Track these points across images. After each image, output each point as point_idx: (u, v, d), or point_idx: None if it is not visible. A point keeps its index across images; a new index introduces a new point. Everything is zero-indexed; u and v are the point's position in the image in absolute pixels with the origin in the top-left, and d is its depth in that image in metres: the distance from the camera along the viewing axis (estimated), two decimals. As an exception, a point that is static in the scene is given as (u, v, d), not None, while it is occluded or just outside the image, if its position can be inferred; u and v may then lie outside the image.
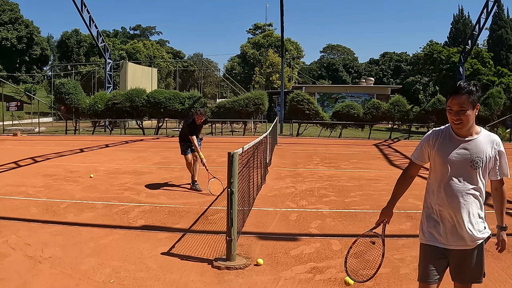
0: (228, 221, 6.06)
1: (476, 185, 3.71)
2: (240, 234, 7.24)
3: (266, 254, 6.55)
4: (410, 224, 8.30)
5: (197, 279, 5.62)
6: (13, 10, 75.36)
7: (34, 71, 77.89)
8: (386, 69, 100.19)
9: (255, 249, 6.76)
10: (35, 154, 19.23)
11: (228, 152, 6.13)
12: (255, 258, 6.25)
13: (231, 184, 6.03)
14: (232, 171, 6.04)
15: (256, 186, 10.90)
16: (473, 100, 3.59)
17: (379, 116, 33.90)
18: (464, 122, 3.62)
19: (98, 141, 27.85)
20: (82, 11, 35.04)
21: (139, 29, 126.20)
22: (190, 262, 6.18)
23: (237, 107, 34.39)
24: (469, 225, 3.73)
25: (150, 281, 5.54)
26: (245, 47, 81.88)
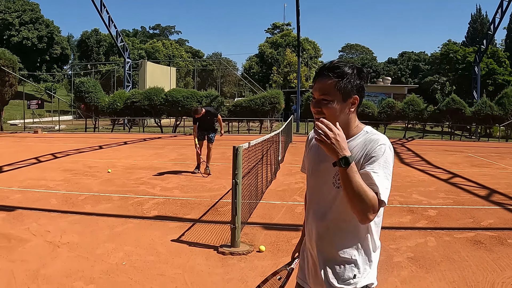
0: (233, 209, 6.52)
1: (342, 211, 2.56)
2: (246, 224, 7.68)
3: (269, 242, 6.99)
4: (410, 218, 8.66)
5: (202, 262, 6.09)
6: (34, 10, 76.31)
7: (55, 70, 78.79)
8: (404, 69, 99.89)
9: (259, 238, 7.20)
10: (55, 150, 19.78)
11: (233, 146, 6.60)
12: (258, 245, 6.70)
13: (236, 175, 6.48)
14: (237, 163, 6.50)
15: (266, 181, 11.34)
16: (346, 87, 2.54)
17: (394, 115, 34.05)
18: (327, 118, 2.47)
19: (116, 138, 28.37)
20: (101, 12, 35.53)
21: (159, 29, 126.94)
22: (197, 248, 6.65)
23: (253, 106, 34.73)
24: (326, 268, 2.64)
25: (159, 264, 6.02)
26: (263, 47, 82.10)
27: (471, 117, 33.26)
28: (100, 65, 74.55)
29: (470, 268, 6.01)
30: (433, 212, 9.12)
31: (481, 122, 34.00)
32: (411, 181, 12.94)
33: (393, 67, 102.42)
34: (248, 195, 8.15)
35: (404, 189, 11.67)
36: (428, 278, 5.63)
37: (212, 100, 35.02)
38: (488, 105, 32.84)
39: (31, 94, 60.07)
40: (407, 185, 12.30)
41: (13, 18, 73.18)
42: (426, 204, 9.85)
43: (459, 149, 24.28)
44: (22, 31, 73.01)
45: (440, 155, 20.71)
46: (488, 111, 32.68)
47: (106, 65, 72.16)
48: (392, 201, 10.06)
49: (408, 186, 12.06)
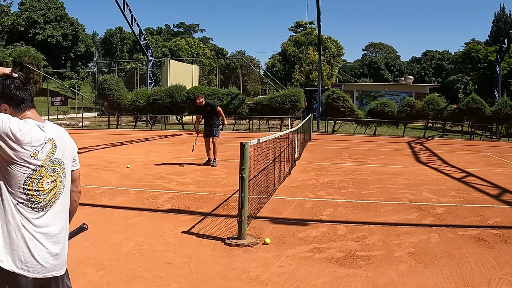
0: (240, 203, 6.78)
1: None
2: (255, 218, 7.92)
3: (275, 235, 7.22)
4: (416, 215, 8.80)
5: (209, 253, 6.35)
6: (59, 9, 77.09)
7: (79, 67, 79.53)
8: (428, 68, 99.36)
9: (266, 231, 7.43)
10: (78, 146, 19.92)
11: (241, 142, 6.86)
12: (264, 238, 6.95)
13: (242, 170, 6.74)
14: (244, 159, 6.75)
15: (279, 177, 11.58)
16: None
17: (414, 114, 33.99)
18: None
19: (138, 135, 28.78)
20: (124, 10, 35.85)
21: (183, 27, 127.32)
22: (206, 240, 6.92)
23: (274, 104, 34.86)
24: None
25: (168, 253, 6.30)
26: (286, 45, 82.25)
27: (491, 116, 33.05)
28: (124, 62, 75.16)
29: (469, 264, 6.12)
30: (441, 209, 9.26)
31: (502, 121, 33.79)
32: (423, 180, 13.06)
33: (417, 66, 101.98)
34: (257, 190, 8.39)
35: (415, 187, 11.81)
36: (426, 272, 5.78)
37: (233, 98, 35.29)
38: (508, 104, 32.56)
39: (55, 91, 60.73)
40: (419, 183, 12.44)
41: (38, 16, 73.99)
42: (435, 202, 9.98)
43: (478, 149, 24.28)
44: (47, 29, 73.80)
45: (457, 154, 20.78)
46: (508, 111, 32.45)
47: (130, 63, 72.77)
48: (401, 198, 10.27)
49: (420, 184, 12.19)
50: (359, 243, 6.91)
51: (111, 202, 9.35)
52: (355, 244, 6.86)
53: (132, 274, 5.53)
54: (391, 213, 8.84)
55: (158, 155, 17.72)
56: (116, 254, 6.23)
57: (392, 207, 9.41)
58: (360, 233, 7.43)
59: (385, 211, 9.00)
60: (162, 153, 18.28)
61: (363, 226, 7.85)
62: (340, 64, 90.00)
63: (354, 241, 7.04)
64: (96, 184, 11.41)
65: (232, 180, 12.10)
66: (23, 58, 35.64)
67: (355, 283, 5.41)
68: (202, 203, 9.48)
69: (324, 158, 17.84)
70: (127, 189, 10.82)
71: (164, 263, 5.94)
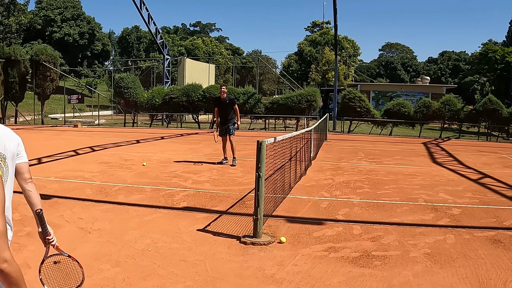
0: (255, 201, 6.78)
1: None
2: (271, 217, 7.91)
3: (290, 234, 7.21)
4: (432, 215, 8.73)
5: (224, 251, 6.36)
6: (75, 7, 77.75)
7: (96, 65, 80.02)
8: (444, 68, 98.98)
9: (281, 230, 7.42)
10: (94, 144, 20.28)
11: (257, 140, 6.85)
12: (280, 237, 6.95)
13: (259, 169, 6.73)
14: (260, 157, 6.74)
15: (295, 176, 11.57)
16: None
17: (430, 115, 33.80)
18: None
19: (154, 133, 28.86)
20: (141, 9, 35.97)
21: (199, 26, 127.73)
22: (221, 238, 6.92)
23: (290, 104, 34.86)
24: None
25: (183, 250, 6.32)
26: (302, 45, 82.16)
27: (508, 118, 32.81)
28: (140, 61, 75.42)
29: (485, 265, 6.07)
30: (457, 210, 9.20)
31: (518, 123, 33.57)
32: (439, 180, 12.99)
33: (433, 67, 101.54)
34: (273, 189, 8.39)
35: (431, 188, 11.74)
36: (441, 273, 5.74)
37: (249, 97, 35.29)
38: (525, 106, 32.40)
39: (72, 89, 61.11)
40: (435, 184, 12.37)
41: (55, 14, 74.65)
42: (451, 203, 9.92)
43: (494, 150, 24.12)
44: (64, 28, 74.43)
45: (473, 155, 20.64)
46: (525, 112, 32.28)
47: (146, 62, 72.98)
48: (417, 199, 10.21)
49: (436, 185, 12.12)
50: (374, 243, 6.89)
51: (127, 199, 9.39)
52: (370, 244, 6.83)
53: (147, 271, 5.54)
54: (407, 214, 8.79)
55: (174, 153, 17.76)
56: (131, 251, 6.25)
57: (408, 207, 9.36)
58: (376, 233, 7.40)
59: (401, 212, 8.96)
60: (178, 152, 18.32)
61: (379, 226, 7.81)
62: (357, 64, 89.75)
63: (369, 241, 7.02)
64: (112, 181, 11.46)
65: (248, 179, 12.11)
66: (40, 56, 35.82)
67: (370, 283, 5.39)
68: (218, 201, 9.50)
69: (340, 158, 17.80)
70: (142, 186, 10.86)
71: (179, 260, 5.95)
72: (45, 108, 41.41)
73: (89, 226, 7.36)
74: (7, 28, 52.43)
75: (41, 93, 36.88)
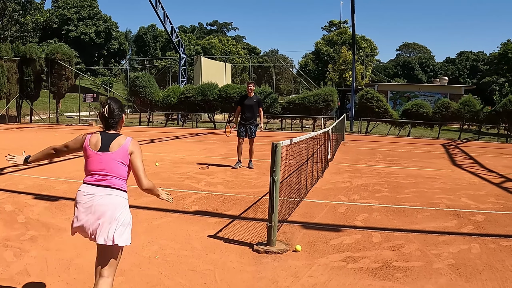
0: (270, 207, 6.41)
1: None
2: (285, 223, 7.57)
3: (306, 242, 6.85)
4: (455, 222, 8.32)
5: (235, 259, 6.01)
6: (92, 6, 78.09)
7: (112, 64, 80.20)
8: (462, 69, 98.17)
9: (297, 237, 7.07)
10: (107, 143, 20.02)
11: (272, 142, 6.48)
12: (295, 245, 6.57)
13: (274, 173, 6.36)
14: (275, 160, 6.37)
15: (311, 179, 11.20)
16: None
17: (449, 115, 33.20)
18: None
19: (169, 133, 28.65)
20: (156, 8, 35.87)
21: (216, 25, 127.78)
22: (233, 245, 6.58)
23: (307, 103, 34.52)
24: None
25: (192, 259, 5.98)
26: (319, 44, 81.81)
27: (529, 119, 32.21)
28: (156, 60, 75.42)
29: (513, 278, 5.69)
30: (481, 217, 8.78)
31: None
32: (461, 184, 12.57)
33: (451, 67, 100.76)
34: (289, 193, 8.03)
35: (452, 192, 11.34)
36: (467, 287, 5.38)
37: (266, 97, 34.97)
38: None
39: (88, 87, 61.20)
40: (457, 188, 11.96)
41: (71, 13, 74.98)
42: (474, 209, 9.50)
43: (515, 153, 23.59)
44: (80, 26, 74.73)
45: (494, 158, 20.11)
46: (545, 114, 31.63)
47: (162, 61, 72.94)
48: (439, 204, 9.80)
49: (457, 189, 11.71)
50: (395, 253, 6.50)
51: (136, 202, 9.06)
52: (391, 254, 6.45)
53: (153, 281, 5.22)
54: (429, 220, 8.40)
55: (188, 153, 17.47)
56: (137, 259, 5.92)
57: (429, 213, 8.96)
58: (396, 241, 7.02)
59: (422, 218, 8.56)
60: (192, 152, 18.04)
61: (400, 234, 7.43)
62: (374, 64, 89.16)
63: (390, 250, 6.64)
64: (122, 182, 11.16)
65: (262, 181, 11.77)
66: (55, 54, 35.78)
67: (392, 298, 5.03)
68: (231, 205, 9.16)
69: (357, 159, 17.40)
70: (154, 188, 10.54)
71: (187, 269, 5.61)
72: (61, 106, 41.47)
73: (95, 231, 7.04)
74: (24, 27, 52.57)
75: (56, 92, 36.88)
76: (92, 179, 4.13)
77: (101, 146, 4.16)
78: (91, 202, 4.06)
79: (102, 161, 4.12)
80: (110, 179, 4.09)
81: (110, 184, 4.09)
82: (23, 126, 32.65)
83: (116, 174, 4.11)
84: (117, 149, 4.17)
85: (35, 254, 5.94)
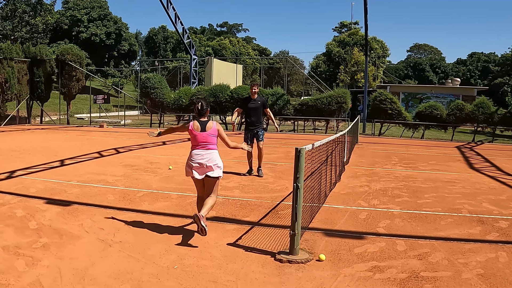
0: (293, 215, 6.14)
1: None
2: (307, 230, 7.31)
3: (329, 250, 6.60)
4: (479, 229, 8.05)
5: (257, 270, 5.75)
6: (102, 7, 78.20)
7: (122, 65, 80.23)
8: (473, 70, 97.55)
9: (319, 245, 6.81)
10: (119, 145, 19.88)
11: (296, 147, 6.22)
12: (318, 253, 6.31)
13: (297, 179, 6.09)
14: (299, 166, 6.10)
15: (330, 183, 10.93)
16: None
17: (463, 117, 32.74)
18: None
19: (181, 134, 28.36)
20: (167, 8, 35.67)
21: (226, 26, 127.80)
22: (254, 254, 6.33)
23: (319, 105, 34.19)
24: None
25: (212, 269, 5.73)
26: (330, 45, 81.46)
27: (543, 121, 31.77)
28: (167, 61, 75.35)
29: (546, 288, 5.41)
30: (505, 223, 8.49)
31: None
32: (480, 188, 12.27)
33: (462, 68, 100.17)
34: (310, 198, 7.77)
35: (473, 196, 11.05)
36: (500, 299, 5.12)
37: (278, 98, 34.71)
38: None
39: (98, 89, 61.15)
40: (477, 192, 11.66)
41: (82, 14, 75.07)
42: (497, 215, 9.20)
43: (532, 155, 23.20)
44: (90, 28, 74.78)
45: (510, 161, 19.76)
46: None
47: (173, 62, 72.84)
48: (461, 210, 9.52)
49: (477, 194, 11.41)
50: (422, 262, 6.23)
51: (152, 207, 8.84)
52: (417, 263, 6.18)
53: (173, 295, 4.97)
54: (452, 227, 8.12)
55: (201, 156, 17.22)
56: (155, 269, 5.67)
57: (452, 219, 8.68)
58: (422, 250, 6.75)
59: (445, 224, 8.28)
60: (205, 154, 17.77)
61: (424, 241, 7.16)
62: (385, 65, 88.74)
63: (416, 259, 6.36)
64: (136, 186, 10.95)
65: (279, 185, 11.53)
66: (66, 55, 35.69)
67: (424, 311, 4.77)
68: (249, 210, 8.91)
69: (373, 162, 17.10)
70: (168, 192, 10.33)
71: (208, 281, 5.36)
72: (72, 108, 41.37)
73: (110, 238, 6.81)
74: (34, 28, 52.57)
75: (66, 93, 36.74)
76: (199, 147, 7.24)
77: (201, 128, 7.24)
78: (200, 158, 7.18)
79: (203, 136, 7.20)
80: (208, 146, 7.22)
81: (210, 148, 7.23)
82: (33, 127, 32.51)
83: (212, 142, 7.25)
84: (210, 129, 7.24)
85: (48, 263, 5.73)
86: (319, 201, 8.97)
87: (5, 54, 32.58)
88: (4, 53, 32.58)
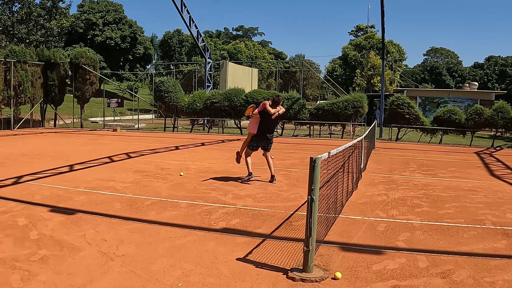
0: (307, 230, 5.69)
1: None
2: (322, 244, 6.87)
3: (346, 267, 6.14)
4: (505, 243, 7.53)
5: (268, 289, 5.31)
6: (117, 11, 78.36)
7: (137, 69, 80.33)
8: (491, 74, 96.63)
9: (335, 261, 6.36)
10: (131, 150, 19.55)
11: (311, 157, 5.77)
12: (334, 271, 5.85)
13: (312, 191, 5.65)
14: (314, 177, 5.65)
15: (346, 192, 10.48)
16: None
17: (482, 122, 32.07)
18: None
19: (194, 139, 28.11)
20: (182, 12, 35.46)
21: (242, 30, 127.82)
22: (265, 271, 5.87)
23: (335, 110, 33.71)
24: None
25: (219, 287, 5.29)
26: (347, 49, 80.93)
27: None
28: (182, 65, 75.27)
29: None
30: (533, 236, 8.01)
31: None
32: (503, 197, 11.75)
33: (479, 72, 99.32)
34: (326, 208, 7.32)
35: (496, 206, 10.53)
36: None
37: (293, 103, 34.28)
38: None
39: (113, 92, 61.13)
40: (500, 202, 11.14)
41: (97, 18, 75.26)
42: (524, 227, 8.72)
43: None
44: (105, 31, 74.92)
45: (533, 168, 19.21)
46: None
47: (188, 65, 72.74)
48: (484, 221, 9.01)
49: (501, 204, 10.90)
50: (445, 280, 5.76)
51: (159, 217, 8.44)
52: (441, 282, 5.71)
53: (176, 317, 4.55)
54: (476, 240, 7.63)
55: (215, 161, 16.87)
56: (158, 287, 5.25)
57: (475, 232, 8.18)
58: (445, 267, 6.27)
59: (468, 237, 7.80)
60: (219, 160, 17.42)
61: (447, 257, 6.69)
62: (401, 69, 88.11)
63: (439, 277, 5.89)
64: (144, 194, 10.57)
65: (294, 194, 11.10)
66: (80, 59, 35.58)
67: None
68: (261, 221, 8.46)
69: (391, 169, 16.61)
70: (178, 201, 9.92)
71: (214, 302, 4.93)
72: (86, 111, 41.27)
73: (112, 251, 6.41)
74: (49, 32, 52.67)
75: (80, 96, 36.66)
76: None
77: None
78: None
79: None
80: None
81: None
82: (47, 131, 32.37)
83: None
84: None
85: (45, 279, 5.36)
86: (335, 211, 8.51)
87: (18, 57, 32.54)
88: (18, 56, 32.55)
